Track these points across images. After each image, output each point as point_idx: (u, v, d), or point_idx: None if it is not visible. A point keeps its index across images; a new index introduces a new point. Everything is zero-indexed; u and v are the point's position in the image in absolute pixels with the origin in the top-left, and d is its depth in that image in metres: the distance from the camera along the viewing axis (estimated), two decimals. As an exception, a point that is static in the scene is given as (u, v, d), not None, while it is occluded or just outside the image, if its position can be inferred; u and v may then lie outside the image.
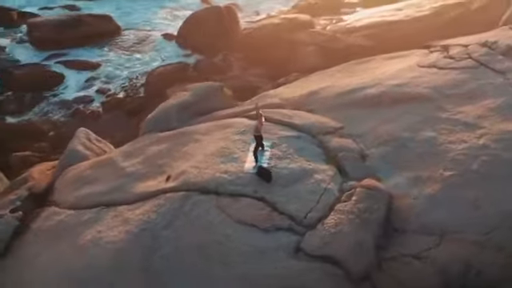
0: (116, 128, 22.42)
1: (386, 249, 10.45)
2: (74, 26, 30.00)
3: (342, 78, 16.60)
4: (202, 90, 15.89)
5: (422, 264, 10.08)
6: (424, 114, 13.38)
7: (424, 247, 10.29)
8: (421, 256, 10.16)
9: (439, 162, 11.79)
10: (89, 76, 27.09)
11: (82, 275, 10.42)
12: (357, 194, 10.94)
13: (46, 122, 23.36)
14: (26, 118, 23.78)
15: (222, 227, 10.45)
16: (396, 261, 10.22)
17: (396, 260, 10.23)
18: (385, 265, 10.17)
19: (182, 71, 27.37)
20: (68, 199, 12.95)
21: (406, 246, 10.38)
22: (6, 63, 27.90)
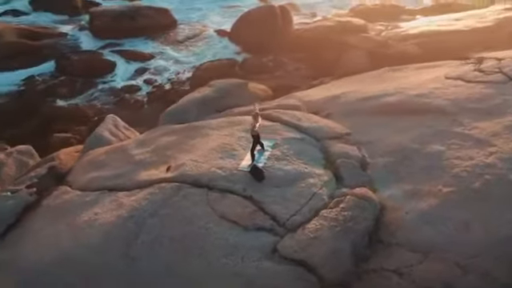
0: (156, 118, 23.14)
1: (368, 260, 10.21)
2: (132, 18, 31.18)
3: (369, 84, 16.30)
4: (225, 86, 16.10)
5: (402, 280, 9.73)
6: (437, 127, 12.93)
7: (406, 263, 9.93)
8: (401, 272, 9.80)
9: (441, 177, 11.34)
10: (139, 66, 28.05)
11: (71, 253, 10.85)
12: (345, 202, 10.74)
13: (92, 107, 24.45)
14: (75, 102, 24.97)
15: (205, 221, 10.58)
16: (376, 273, 9.93)
17: (376, 273, 9.95)
18: (365, 276, 9.92)
19: (229, 68, 27.73)
20: (79, 180, 13.54)
21: (389, 260, 10.06)
22: (65, 49, 29.44)
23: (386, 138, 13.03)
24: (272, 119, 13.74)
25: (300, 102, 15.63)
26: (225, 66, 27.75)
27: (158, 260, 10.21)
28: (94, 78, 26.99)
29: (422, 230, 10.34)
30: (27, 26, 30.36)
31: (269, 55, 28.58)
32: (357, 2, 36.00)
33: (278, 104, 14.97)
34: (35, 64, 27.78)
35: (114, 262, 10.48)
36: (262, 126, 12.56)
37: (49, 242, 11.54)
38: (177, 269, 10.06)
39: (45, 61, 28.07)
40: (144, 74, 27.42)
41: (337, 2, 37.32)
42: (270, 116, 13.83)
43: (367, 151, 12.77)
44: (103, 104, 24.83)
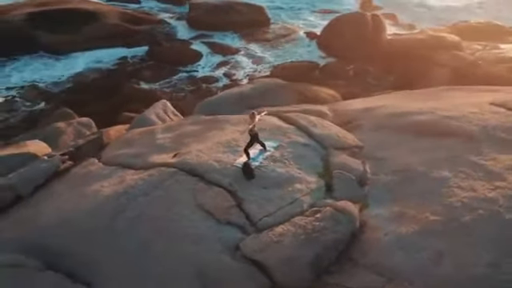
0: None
1: (332, 275, 10.04)
2: (226, 12, 32.32)
3: (412, 100, 15.71)
4: (265, 85, 16.34)
5: (358, 301, 9.50)
6: (454, 152, 12.20)
7: (368, 285, 9.63)
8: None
9: (433, 204, 10.75)
10: (223, 59, 29.09)
11: (70, 217, 11.81)
12: (322, 213, 10.58)
13: (168, 93, 25.89)
14: (154, 86, 26.58)
15: (184, 207, 11.02)
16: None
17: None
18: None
19: (308, 70, 27.89)
20: (107, 155, 14.61)
21: (352, 279, 9.81)
22: (160, 35, 31.30)
23: (399, 157, 12.56)
24: (289, 121, 13.79)
25: (334, 110, 15.43)
26: (304, 67, 27.93)
27: (133, 235, 10.83)
28: (178, 66, 28.47)
29: (394, 255, 9.93)
30: (131, 10, 32.64)
31: (353, 62, 28.28)
32: (462, 18, 34.17)
33: (305, 109, 14.93)
34: (131, 46, 29.87)
35: (100, 230, 11.26)
36: (274, 127, 12.75)
37: (61, 205, 12.65)
38: (147, 246, 10.61)
39: (140, 44, 30.08)
40: (225, 67, 28.38)
41: (443, 16, 35.72)
42: (288, 118, 13.89)
43: (375, 167, 12.42)
44: (179, 91, 26.17)
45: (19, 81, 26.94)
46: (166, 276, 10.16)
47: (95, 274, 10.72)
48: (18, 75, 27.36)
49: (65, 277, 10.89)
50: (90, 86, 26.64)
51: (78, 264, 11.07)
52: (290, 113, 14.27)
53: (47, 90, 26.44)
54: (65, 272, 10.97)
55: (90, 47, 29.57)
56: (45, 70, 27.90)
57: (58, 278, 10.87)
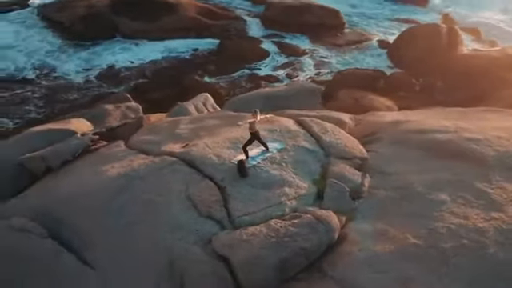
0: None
1: (299, 282, 9.95)
2: (301, 14, 32.32)
3: (444, 118, 14.93)
4: (296, 88, 16.28)
5: (315, 311, 9.37)
6: (461, 176, 11.55)
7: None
8: (318, 304, 9.43)
9: (419, 226, 10.26)
10: (288, 60, 29.18)
11: (75, 193, 12.54)
12: (301, 219, 10.47)
13: (227, 88, 26.43)
14: (216, 80, 27.27)
15: (172, 196, 11.35)
16: (298, 297, 9.70)
17: (299, 297, 9.71)
18: (288, 296, 9.78)
19: (372, 79, 27.24)
20: (133, 139, 15.31)
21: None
22: (233, 31, 31.97)
23: (405, 174, 12.10)
24: (303, 126, 13.69)
25: (359, 120, 15.10)
26: (369, 76, 27.31)
27: (123, 215, 11.36)
28: (244, 63, 28.95)
29: (361, 272, 9.64)
30: (210, 5, 33.60)
31: (421, 75, 27.26)
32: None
33: (324, 115, 14.71)
34: (204, 39, 30.78)
35: (97, 207, 11.91)
36: (286, 129, 12.74)
37: (75, 180, 13.49)
38: (131, 228, 11.10)
39: (213, 38, 30.91)
40: (288, 68, 28.47)
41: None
42: (303, 122, 13.79)
43: (378, 181, 12.06)
44: (238, 87, 26.62)
45: (98, 63, 28.70)
46: (141, 259, 10.59)
47: (87, 246, 11.40)
48: (98, 58, 29.17)
49: (61, 246, 11.66)
50: (158, 73, 27.85)
51: (74, 235, 11.81)
52: (309, 117, 14.12)
53: (119, 74, 27.98)
54: (62, 241, 11.75)
55: (166, 37, 30.82)
56: (121, 55, 29.52)
57: (55, 246, 11.65)
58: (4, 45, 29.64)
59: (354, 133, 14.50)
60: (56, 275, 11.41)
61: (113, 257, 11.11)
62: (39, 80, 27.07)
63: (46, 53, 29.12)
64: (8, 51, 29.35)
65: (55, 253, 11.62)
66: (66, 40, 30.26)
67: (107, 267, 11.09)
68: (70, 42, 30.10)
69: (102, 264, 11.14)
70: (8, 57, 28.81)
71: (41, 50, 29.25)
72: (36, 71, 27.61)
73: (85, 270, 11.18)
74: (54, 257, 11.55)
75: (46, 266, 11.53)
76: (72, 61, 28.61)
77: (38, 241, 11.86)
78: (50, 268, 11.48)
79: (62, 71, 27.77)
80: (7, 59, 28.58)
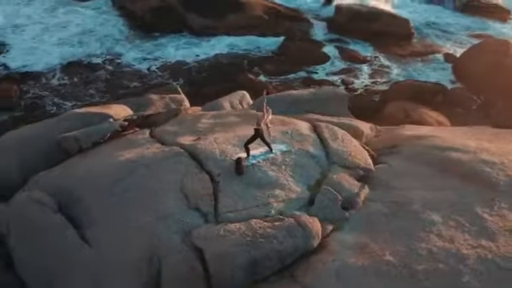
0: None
1: (270, 284, 9.98)
2: (369, 21, 31.69)
3: (470, 137, 14.20)
4: (324, 93, 16.11)
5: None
6: (463, 199, 11.04)
7: (293, 305, 9.44)
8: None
9: (401, 244, 9.95)
10: (347, 66, 28.80)
11: (89, 174, 13.20)
12: (282, 222, 10.45)
13: (278, 88, 26.46)
14: (270, 80, 27.44)
15: (168, 185, 11.69)
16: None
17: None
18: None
19: (430, 92, 26.32)
20: (159, 129, 15.81)
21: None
22: (297, 33, 31.93)
23: (407, 190, 11.74)
24: (316, 130, 13.57)
25: (381, 131, 14.74)
26: (427, 89, 26.36)
27: (123, 199, 11.88)
28: (302, 65, 28.92)
29: (328, 282, 9.53)
30: (277, 5, 33.77)
31: (482, 92, 25.95)
32: None
33: (342, 122, 14.47)
34: (267, 38, 31.02)
35: (102, 189, 12.52)
36: (297, 132, 12.75)
37: (94, 162, 14.19)
38: (126, 212, 11.59)
39: (276, 37, 31.07)
40: (345, 74, 28.10)
41: None
42: (317, 127, 13.67)
43: (379, 194, 11.79)
44: (290, 89, 26.52)
45: (162, 55, 29.82)
46: (128, 242, 11.04)
47: (89, 224, 12.05)
48: (163, 50, 30.28)
49: (68, 221, 12.36)
50: (216, 69, 28.50)
51: (81, 212, 12.50)
52: (326, 122, 13.97)
53: (181, 67, 28.89)
54: (71, 217, 12.46)
55: (231, 34, 31.41)
56: (185, 50, 30.45)
57: (63, 221, 12.36)
58: (77, 31, 31.50)
59: (371, 143, 14.19)
60: (59, 249, 12.12)
61: (106, 236, 11.66)
62: (105, 66, 28.54)
63: (115, 40, 30.64)
64: (82, 37, 31.15)
65: (62, 227, 12.33)
66: (135, 30, 31.66)
67: (101, 246, 11.66)
68: (138, 32, 31.46)
69: (97, 242, 11.73)
70: (80, 42, 30.59)
71: (110, 38, 30.82)
72: (103, 57, 29.13)
73: (83, 246, 11.80)
74: (60, 231, 12.26)
75: (53, 240, 12.28)
76: (138, 50, 29.89)
77: (50, 214, 12.61)
78: (55, 242, 12.21)
79: (127, 59, 29.11)
80: (79, 44, 30.36)
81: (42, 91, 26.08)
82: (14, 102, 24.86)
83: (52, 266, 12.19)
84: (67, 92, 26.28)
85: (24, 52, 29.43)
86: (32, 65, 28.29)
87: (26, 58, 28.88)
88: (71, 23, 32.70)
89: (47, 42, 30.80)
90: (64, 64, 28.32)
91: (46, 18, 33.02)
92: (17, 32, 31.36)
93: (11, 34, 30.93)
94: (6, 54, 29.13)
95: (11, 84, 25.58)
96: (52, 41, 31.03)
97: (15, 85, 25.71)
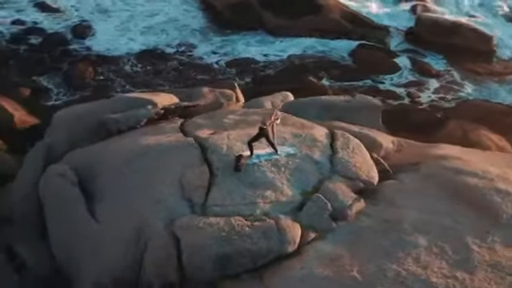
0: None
1: (239, 281, 10.15)
2: (448, 33, 30.19)
3: (495, 164, 13.32)
4: (357, 101, 15.75)
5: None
6: (458, 226, 10.53)
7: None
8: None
9: (373, 262, 9.67)
10: (416, 79, 27.73)
11: (107, 154, 14.01)
12: (262, 223, 10.52)
13: (339, 94, 25.95)
14: (333, 84, 27.04)
15: (168, 173, 12.13)
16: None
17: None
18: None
19: (500, 115, 24.66)
20: (190, 120, 16.16)
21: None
22: (372, 40, 31.02)
23: (406, 208, 11.37)
24: (332, 137, 13.39)
25: (405, 147, 14.24)
26: (496, 110, 24.76)
27: (128, 180, 12.58)
28: (370, 73, 28.20)
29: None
30: (356, 11, 33.09)
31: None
32: None
33: (362, 132, 14.08)
34: (340, 42, 30.60)
35: (116, 169, 13.25)
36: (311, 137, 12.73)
37: (119, 144, 14.84)
38: (129, 192, 12.23)
39: (350, 43, 30.49)
40: (413, 87, 27.05)
41: None
42: (334, 134, 13.47)
43: (377, 210, 11.49)
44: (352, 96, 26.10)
45: (233, 51, 30.34)
46: (124, 220, 11.65)
47: (98, 200, 12.84)
48: (235, 46, 30.77)
49: (82, 196, 13.22)
50: (283, 69, 28.53)
51: (96, 189, 13.33)
52: (344, 130, 13.74)
53: (249, 65, 29.16)
54: (86, 192, 13.32)
55: (305, 35, 31.30)
56: (257, 48, 30.72)
57: (79, 195, 13.25)
58: (161, 20, 32.85)
59: (391, 158, 13.73)
60: (72, 222, 13.05)
61: (109, 213, 12.38)
62: (177, 56, 29.52)
63: (191, 32, 31.55)
64: (164, 26, 32.43)
65: (76, 201, 13.23)
66: (213, 24, 32.39)
67: (104, 221, 12.39)
68: (215, 27, 32.13)
69: (101, 218, 12.47)
70: (162, 31, 31.90)
71: (188, 29, 31.79)
72: (177, 47, 30.17)
73: (90, 221, 12.61)
74: (75, 204, 13.16)
75: (69, 212, 13.21)
76: (211, 44, 30.60)
77: (69, 187, 13.57)
78: (71, 214, 13.14)
79: (199, 51, 29.92)
80: (161, 33, 31.65)
81: (114, 76, 27.51)
82: (86, 83, 26.43)
83: (69, 239, 13.14)
84: (137, 78, 27.53)
85: (108, 37, 31.09)
86: (112, 50, 29.86)
87: (109, 43, 30.51)
88: (157, 12, 34.07)
89: (132, 30, 32.31)
90: (140, 51, 29.65)
91: (134, 5, 34.69)
92: (104, 18, 33.23)
93: (99, 20, 32.81)
94: (92, 38, 30.87)
95: (87, 66, 27.17)
96: (136, 28, 32.46)
97: (91, 66, 27.27)
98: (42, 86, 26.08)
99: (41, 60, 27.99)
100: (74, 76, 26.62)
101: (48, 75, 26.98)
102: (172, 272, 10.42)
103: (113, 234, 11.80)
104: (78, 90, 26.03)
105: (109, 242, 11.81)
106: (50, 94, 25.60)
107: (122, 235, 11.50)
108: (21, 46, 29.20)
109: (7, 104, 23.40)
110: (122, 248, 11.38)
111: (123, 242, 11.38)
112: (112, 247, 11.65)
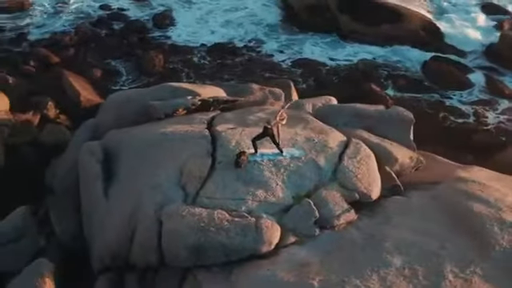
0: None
1: (207, 272, 10.42)
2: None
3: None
4: (389, 113, 15.20)
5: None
6: (444, 253, 10.18)
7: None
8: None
9: (337, 275, 9.55)
10: (487, 98, 26.23)
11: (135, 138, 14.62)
12: (243, 220, 10.65)
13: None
14: (395, 94, 26.22)
15: (173, 161, 12.55)
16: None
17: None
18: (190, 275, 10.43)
19: None
20: (220, 114, 16.59)
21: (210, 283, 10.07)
22: (449, 53, 29.67)
23: (396, 227, 11.06)
24: (347, 143, 13.24)
25: (429, 162, 13.67)
26: None
27: (139, 165, 13.25)
28: (439, 88, 27.05)
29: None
30: (432, 22, 31.68)
31: None
32: None
33: (380, 144, 13.61)
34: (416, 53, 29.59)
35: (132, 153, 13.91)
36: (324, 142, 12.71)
37: (149, 128, 15.49)
38: (135, 176, 12.84)
39: (425, 54, 29.34)
40: (482, 106, 25.58)
41: None
42: (349, 142, 13.28)
43: (367, 223, 11.27)
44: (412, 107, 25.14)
45: (301, 51, 30.22)
46: (127, 201, 12.30)
47: (114, 179, 13.67)
48: (303, 47, 30.61)
49: (102, 174, 13.99)
50: (349, 75, 28.05)
51: (114, 168, 14.10)
52: (362, 140, 13.43)
53: (315, 66, 28.96)
54: (107, 170, 14.09)
55: (379, 43, 30.62)
56: (326, 50, 30.37)
57: (99, 172, 14.01)
58: (241, 15, 33.53)
59: (406, 174, 13.25)
60: (91, 197, 13.92)
61: (118, 193, 13.06)
62: (246, 51, 30.03)
63: (265, 29, 31.98)
64: (243, 20, 33.08)
65: (96, 178, 14.06)
66: (286, 23, 32.53)
67: (112, 200, 13.09)
68: (288, 26, 32.25)
69: (111, 197, 13.20)
70: (239, 25, 32.58)
71: (261, 26, 32.28)
72: (247, 42, 30.67)
73: (102, 199, 13.36)
74: (94, 181, 14.00)
75: (89, 187, 14.10)
76: (281, 42, 30.74)
77: (93, 164, 14.40)
78: (90, 190, 14.03)
79: (267, 48, 30.23)
80: (238, 27, 32.35)
81: (183, 66, 28.45)
82: (155, 70, 27.56)
83: (89, 213, 14.05)
84: (204, 70, 28.31)
85: (187, 28, 32.22)
86: (188, 41, 30.89)
87: (186, 34, 31.55)
88: (237, 6, 34.76)
89: (211, 23, 33.24)
90: (213, 44, 30.46)
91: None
92: (187, 9, 34.47)
93: (181, 10, 34.08)
94: (173, 28, 32.19)
95: (159, 54, 28.30)
96: (216, 22, 33.38)
97: (162, 55, 28.38)
98: (114, 70, 27.46)
99: (118, 45, 29.50)
100: (145, 62, 27.78)
101: (122, 60, 28.44)
102: (152, 255, 10.83)
103: (115, 212, 12.48)
104: (145, 77, 27.21)
105: (111, 219, 12.49)
106: (119, 78, 26.99)
107: (121, 214, 12.14)
108: (103, 30, 30.88)
109: (77, 82, 25.07)
110: (119, 226, 12.02)
111: (121, 220, 12.00)
112: (112, 224, 12.32)
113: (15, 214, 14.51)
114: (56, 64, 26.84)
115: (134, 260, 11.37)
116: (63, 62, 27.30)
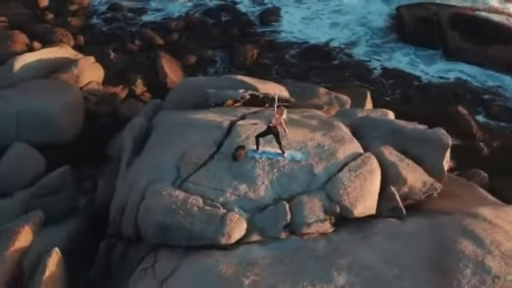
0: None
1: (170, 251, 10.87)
2: None
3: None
4: (427, 134, 14.22)
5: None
6: (399, 284, 9.44)
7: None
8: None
9: (276, 279, 9.42)
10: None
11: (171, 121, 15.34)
12: (213, 209, 10.95)
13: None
14: (485, 122, 24.39)
15: (181, 145, 13.15)
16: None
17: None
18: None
19: None
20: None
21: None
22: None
23: (368, 248, 10.63)
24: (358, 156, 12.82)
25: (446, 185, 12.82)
26: None
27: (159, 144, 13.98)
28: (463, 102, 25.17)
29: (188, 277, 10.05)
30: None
31: None
32: None
33: (395, 161, 12.87)
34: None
35: (160, 132, 14.71)
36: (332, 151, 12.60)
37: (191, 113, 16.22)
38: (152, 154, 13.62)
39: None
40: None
41: None
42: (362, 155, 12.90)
43: (342, 237, 10.98)
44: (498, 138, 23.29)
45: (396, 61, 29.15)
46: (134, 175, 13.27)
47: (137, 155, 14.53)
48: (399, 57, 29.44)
49: (131, 148, 14.91)
50: (437, 92, 26.71)
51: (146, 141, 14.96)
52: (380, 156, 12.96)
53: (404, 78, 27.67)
54: (137, 144, 15.00)
55: (481, 64, 28.67)
56: (423, 65, 28.87)
57: (129, 147, 14.95)
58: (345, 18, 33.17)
59: (415, 198, 12.52)
60: (120, 167, 14.98)
61: (133, 168, 13.92)
62: (339, 54, 29.45)
63: (366, 34, 31.33)
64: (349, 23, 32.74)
65: (126, 151, 15.06)
66: (393, 31, 31.50)
67: (129, 173, 14.02)
68: (393, 34, 31.23)
69: (129, 170, 14.11)
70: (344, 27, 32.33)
71: (363, 32, 31.62)
72: (343, 47, 30.09)
73: (124, 171, 14.35)
74: (125, 153, 15.04)
75: (121, 158, 15.16)
76: (378, 49, 29.86)
77: (128, 139, 15.43)
78: (121, 160, 15.12)
79: (359, 52, 29.62)
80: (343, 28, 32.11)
81: (274, 62, 28.92)
82: (246, 63, 28.37)
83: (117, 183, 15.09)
84: (293, 69, 28.48)
85: (291, 27, 32.58)
86: (287, 38, 31.18)
87: (287, 33, 31.91)
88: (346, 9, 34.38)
89: (317, 22, 33.19)
90: (309, 45, 30.53)
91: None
92: (296, 8, 34.71)
93: (291, 9, 34.41)
94: (276, 25, 32.64)
95: (254, 47, 29.08)
96: (322, 22, 33.30)
97: (257, 49, 29.10)
98: (209, 58, 28.67)
99: (220, 35, 30.61)
100: (238, 55, 28.62)
101: (218, 50, 29.52)
102: (130, 228, 11.55)
103: (125, 183, 13.35)
104: (236, 68, 28.06)
105: (121, 189, 13.41)
106: (210, 67, 28.15)
107: (126, 186, 12.98)
108: (210, 20, 32.20)
109: (168, 65, 26.68)
110: (122, 196, 12.90)
111: (124, 191, 12.84)
112: (119, 193, 13.24)
113: (57, 171, 16.00)
114: (159, 46, 28.64)
115: (122, 230, 12.14)
116: (165, 44, 29.12)
